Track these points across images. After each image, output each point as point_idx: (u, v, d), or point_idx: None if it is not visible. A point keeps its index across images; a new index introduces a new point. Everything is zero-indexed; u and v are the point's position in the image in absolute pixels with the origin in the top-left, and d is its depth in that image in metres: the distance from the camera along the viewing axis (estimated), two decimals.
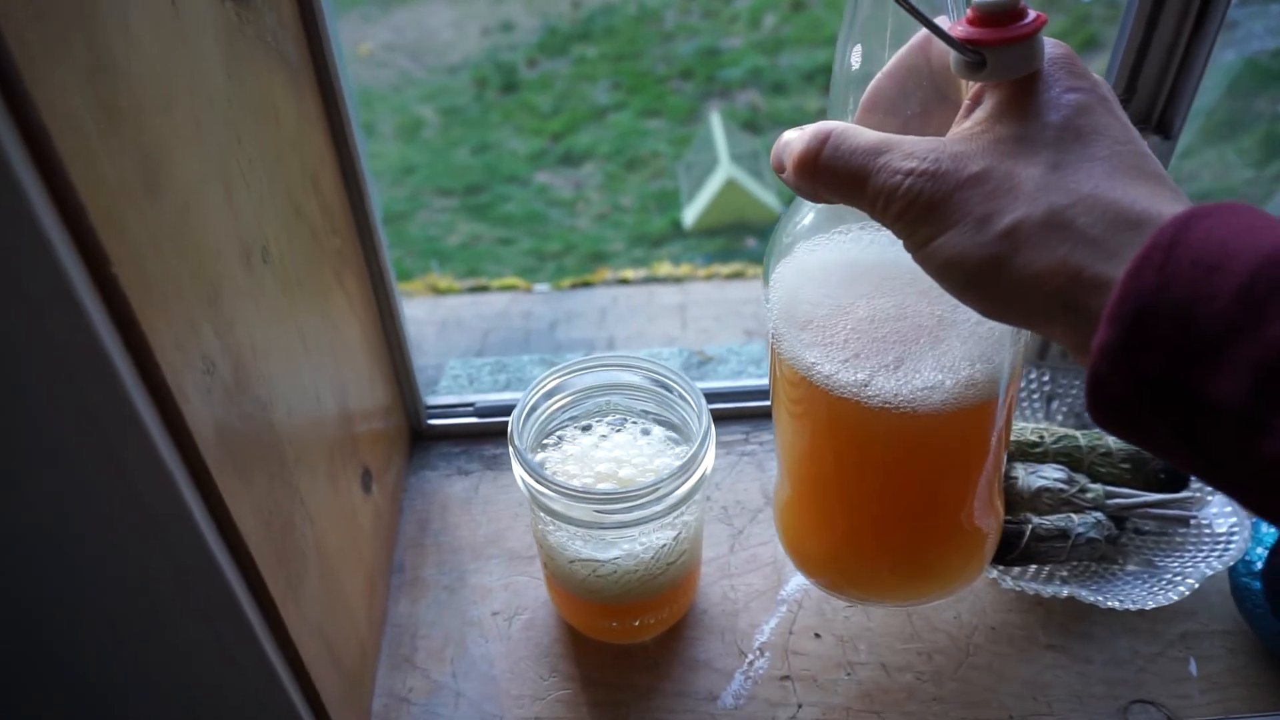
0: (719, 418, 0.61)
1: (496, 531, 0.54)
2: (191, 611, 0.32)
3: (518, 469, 0.41)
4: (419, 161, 4.47)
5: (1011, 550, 0.47)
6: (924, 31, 0.29)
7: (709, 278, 2.42)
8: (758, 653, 0.47)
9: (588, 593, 0.45)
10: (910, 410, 0.34)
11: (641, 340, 2.05)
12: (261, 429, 0.34)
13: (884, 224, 0.27)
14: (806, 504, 0.42)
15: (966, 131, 0.26)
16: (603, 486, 0.43)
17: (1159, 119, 0.48)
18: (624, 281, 2.43)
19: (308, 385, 0.40)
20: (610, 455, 0.45)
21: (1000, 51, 0.25)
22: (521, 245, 3.88)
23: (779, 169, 0.30)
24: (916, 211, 0.25)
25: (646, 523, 0.41)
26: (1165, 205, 0.23)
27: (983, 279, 0.25)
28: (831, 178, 0.27)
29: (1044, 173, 0.24)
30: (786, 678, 0.46)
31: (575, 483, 0.43)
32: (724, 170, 3.89)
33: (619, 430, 0.47)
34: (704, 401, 0.43)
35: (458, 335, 2.18)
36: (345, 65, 0.46)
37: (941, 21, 0.27)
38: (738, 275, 2.40)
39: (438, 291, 2.48)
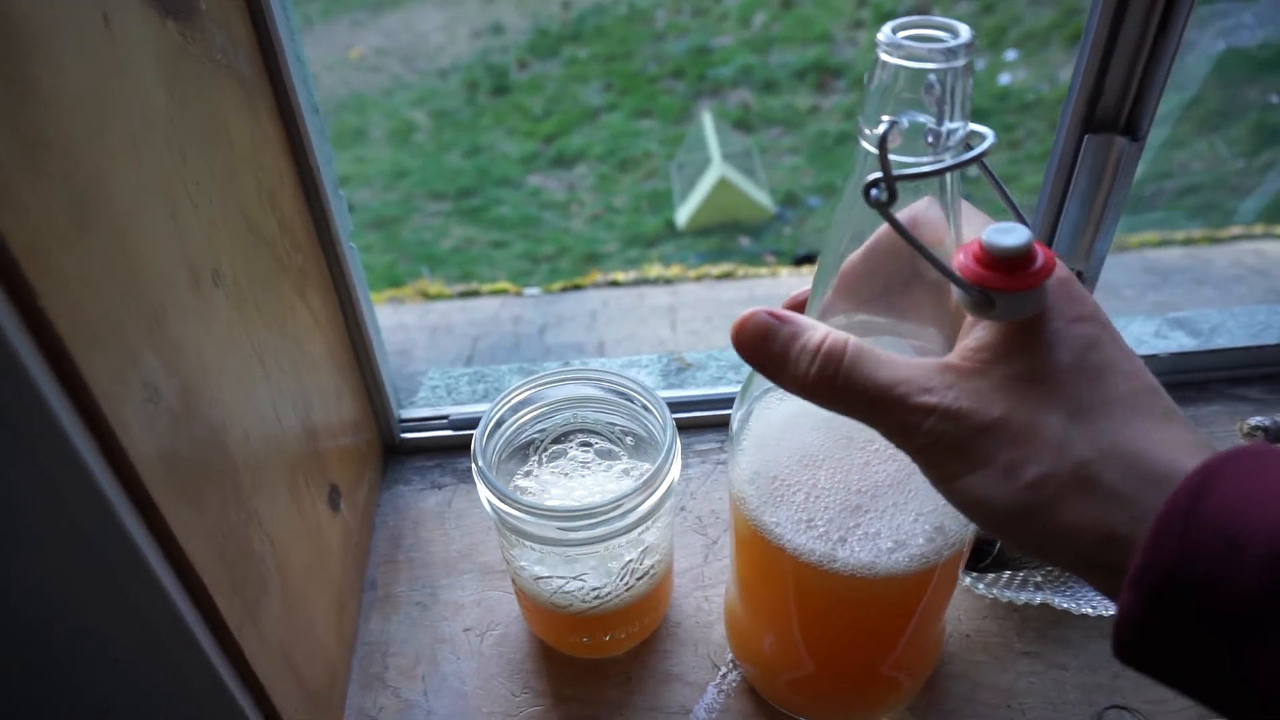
0: (695, 426, 0.61)
1: (469, 546, 0.54)
2: (143, 641, 0.31)
3: (481, 488, 0.41)
4: (411, 165, 4.47)
5: (984, 557, 0.47)
6: (904, 211, 0.29)
7: (699, 278, 2.42)
8: (730, 665, 0.47)
9: (557, 608, 0.44)
10: (869, 575, 0.34)
11: (631, 343, 2.04)
12: (213, 453, 0.34)
13: (904, 451, 0.26)
14: (747, 618, 0.44)
15: (976, 360, 0.26)
16: (566, 504, 0.43)
17: (1126, 121, 0.47)
18: (615, 284, 2.43)
19: (266, 405, 0.39)
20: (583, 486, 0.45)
21: (1011, 296, 0.25)
22: (515, 248, 3.87)
23: (761, 357, 0.28)
24: (940, 451, 0.25)
25: (612, 539, 0.41)
26: (1184, 455, 0.23)
27: (1013, 525, 0.25)
28: (847, 404, 0.27)
29: (1064, 421, 0.24)
30: (756, 690, 0.46)
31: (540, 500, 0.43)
32: (716, 169, 3.89)
33: (589, 469, 0.47)
34: (669, 414, 0.42)
35: (448, 341, 2.17)
36: (308, 80, 0.46)
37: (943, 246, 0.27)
38: (728, 276, 2.39)
39: (428, 297, 2.48)
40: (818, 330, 0.27)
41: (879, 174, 0.26)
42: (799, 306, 0.33)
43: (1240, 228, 2.70)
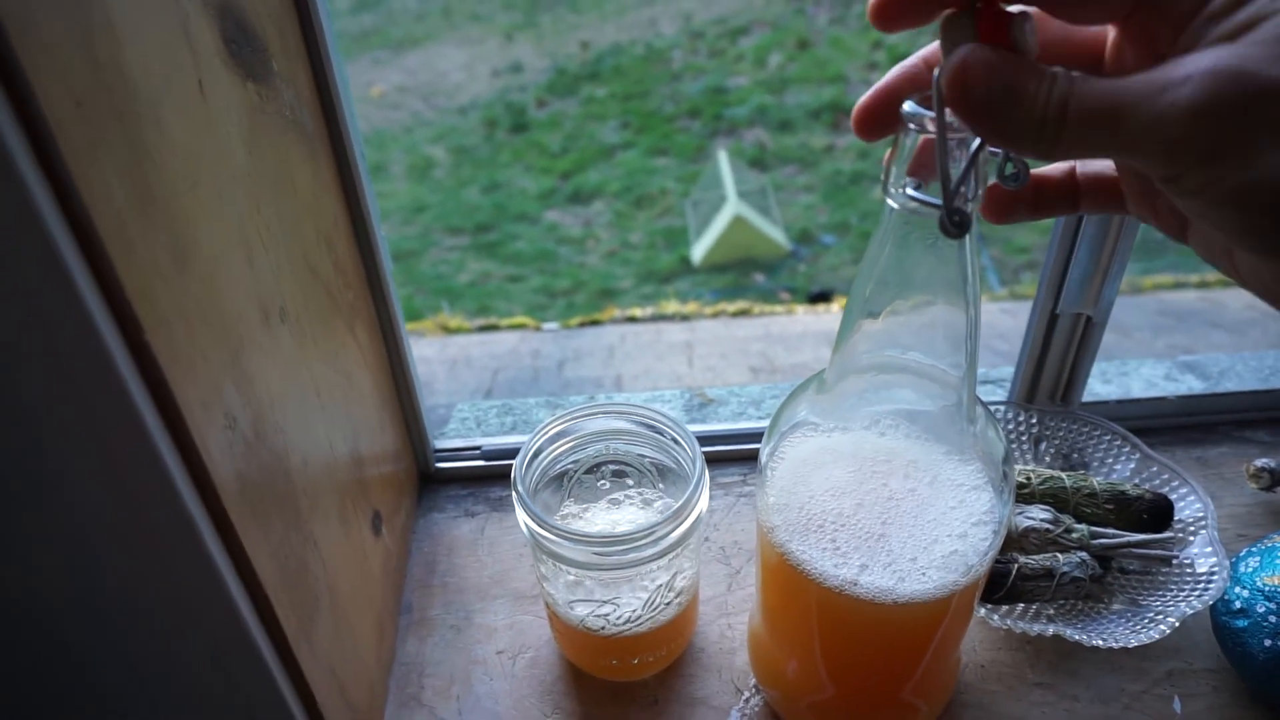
0: (718, 460, 0.63)
1: (501, 572, 0.56)
2: (210, 650, 0.33)
3: (521, 513, 0.43)
4: (430, 201, 4.54)
5: (998, 589, 0.48)
6: (920, 54, 0.29)
7: (715, 315, 2.44)
8: (753, 690, 0.49)
9: (588, 632, 0.46)
10: (889, 601, 0.36)
11: (648, 378, 2.07)
12: (278, 478, 0.36)
13: (1151, 169, 0.22)
14: (771, 642, 0.46)
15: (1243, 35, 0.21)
16: (601, 530, 0.45)
17: None
18: (632, 319, 2.46)
19: (321, 434, 0.42)
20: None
21: None
22: (531, 283, 3.93)
23: (978, 95, 0.24)
24: (1220, 131, 0.21)
25: (644, 564, 0.43)
26: None
27: None
28: (1080, 125, 0.23)
29: None
30: (777, 714, 0.48)
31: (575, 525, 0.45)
32: (731, 207, 3.94)
33: (619, 505, 0.50)
34: (698, 447, 0.45)
35: (467, 374, 2.20)
36: (357, 129, 0.49)
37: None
38: (744, 313, 2.42)
39: (448, 331, 2.52)
40: (1038, 66, 0.24)
41: (938, 204, 0.28)
42: (892, 93, 0.30)
43: None
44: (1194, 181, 0.22)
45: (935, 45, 0.28)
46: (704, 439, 0.64)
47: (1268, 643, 0.43)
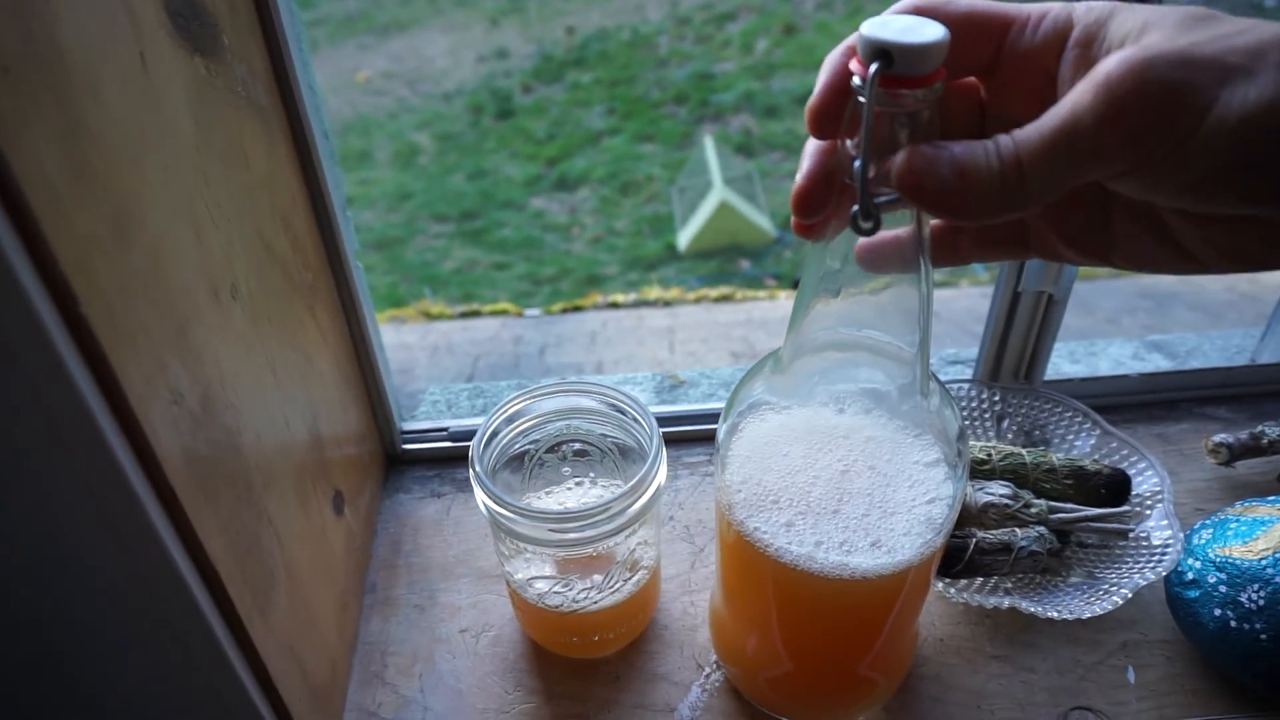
0: (685, 440, 0.64)
1: (466, 551, 0.56)
2: (160, 626, 0.33)
3: (479, 492, 0.44)
4: (415, 187, 4.51)
5: (956, 563, 0.49)
6: (843, 50, 0.30)
7: (698, 301, 2.45)
8: (714, 666, 0.49)
9: (548, 609, 0.47)
10: (846, 576, 0.36)
11: (629, 363, 2.07)
12: (228, 454, 0.36)
13: (1116, 169, 0.24)
14: (730, 620, 0.46)
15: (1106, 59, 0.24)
16: (560, 507, 0.45)
17: None
18: (614, 305, 2.46)
19: (276, 412, 0.42)
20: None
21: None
22: (517, 270, 3.91)
23: (935, 185, 0.26)
24: (1148, 107, 0.23)
25: (601, 540, 0.43)
26: None
27: None
28: (1040, 171, 0.24)
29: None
30: (738, 690, 0.48)
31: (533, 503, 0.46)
32: (717, 193, 3.93)
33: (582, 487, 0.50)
34: (656, 425, 0.45)
35: (448, 360, 2.20)
36: (320, 107, 0.49)
37: None
38: (726, 299, 2.43)
39: (430, 317, 2.51)
40: (976, 143, 0.25)
41: (859, 207, 0.28)
42: (820, 172, 0.31)
43: None
44: (1158, 159, 0.23)
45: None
46: (672, 419, 0.64)
47: (1217, 612, 0.44)
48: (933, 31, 0.27)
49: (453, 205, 4.36)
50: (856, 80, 0.28)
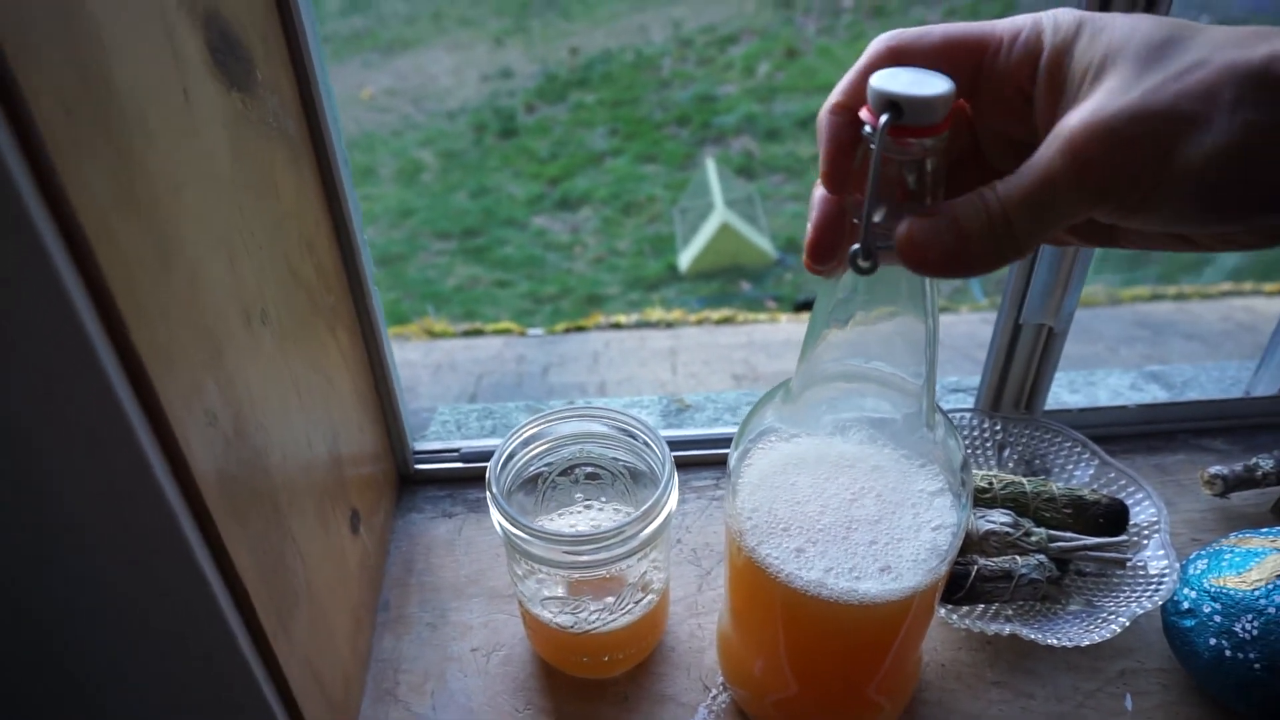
0: (692, 464, 0.65)
1: (478, 571, 0.57)
2: (189, 641, 0.34)
3: (495, 513, 0.45)
4: (418, 205, 4.54)
5: (958, 590, 0.50)
6: (830, 108, 0.31)
7: (700, 323, 2.46)
8: (720, 687, 0.50)
9: (559, 630, 0.48)
10: (852, 601, 0.38)
11: (632, 385, 2.08)
12: (257, 474, 0.37)
13: (1102, 206, 0.26)
14: (738, 642, 0.47)
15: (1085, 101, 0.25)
16: (572, 529, 0.46)
17: None
18: (617, 326, 2.47)
19: (300, 433, 0.43)
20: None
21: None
22: (518, 288, 3.93)
23: (938, 253, 0.28)
24: (1119, 160, 0.24)
25: (614, 563, 0.44)
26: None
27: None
28: (1033, 222, 0.26)
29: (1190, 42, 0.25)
30: (744, 712, 0.49)
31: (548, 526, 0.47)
32: (719, 215, 3.96)
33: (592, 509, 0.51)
34: (668, 451, 0.46)
35: (451, 379, 2.21)
36: (340, 136, 0.50)
37: None
38: (728, 320, 2.44)
39: (432, 335, 2.52)
40: (963, 202, 0.27)
41: (859, 246, 0.30)
42: (830, 219, 0.32)
43: (1230, 284, 2.76)
44: (1131, 205, 0.25)
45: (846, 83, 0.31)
46: (680, 443, 0.65)
47: (1212, 641, 0.45)
48: (939, 85, 0.29)
49: (455, 223, 4.38)
50: (867, 129, 0.30)
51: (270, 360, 0.40)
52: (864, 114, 0.30)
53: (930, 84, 0.29)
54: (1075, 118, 0.25)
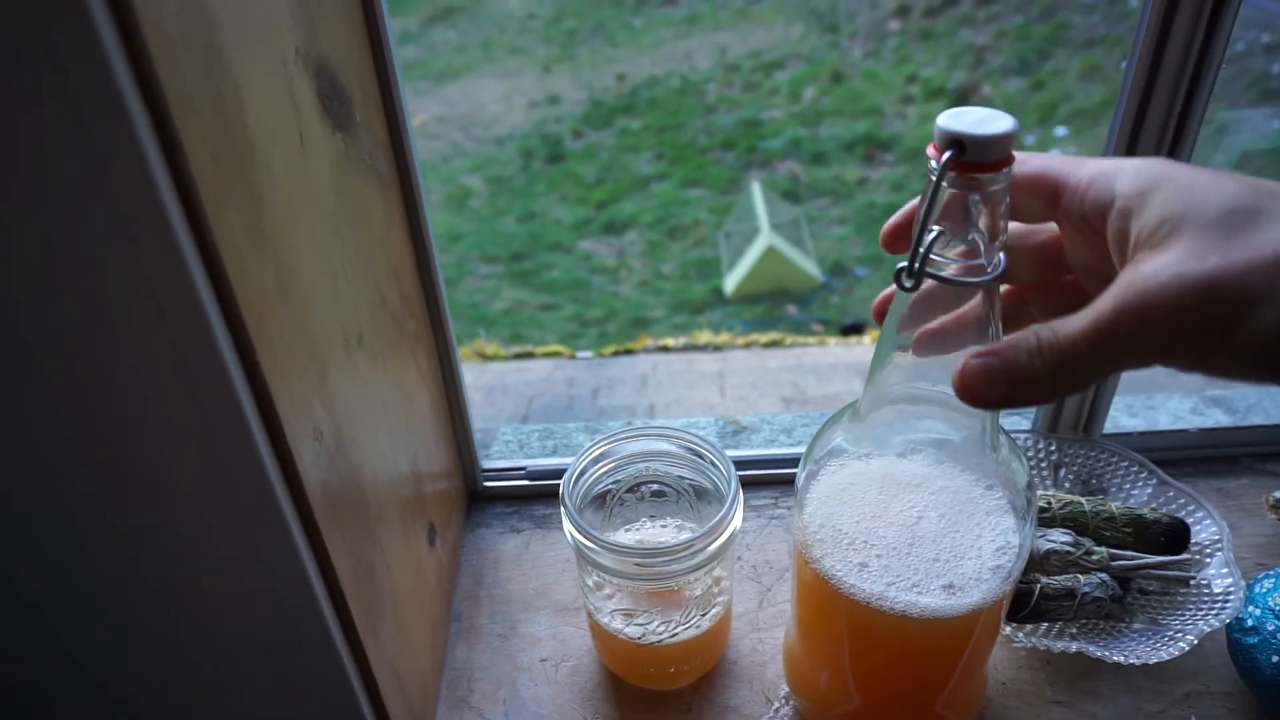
0: (751, 484, 0.66)
1: (545, 585, 0.59)
2: (290, 640, 0.37)
3: (568, 525, 0.47)
4: (466, 229, 4.62)
5: (1022, 608, 0.51)
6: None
7: (747, 346, 2.48)
8: (783, 701, 0.52)
9: (627, 641, 0.49)
10: (917, 616, 0.39)
11: (680, 407, 2.10)
12: (353, 488, 0.40)
13: (1173, 360, 0.26)
14: (804, 655, 0.48)
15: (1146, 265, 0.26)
16: (638, 542, 0.48)
17: None
18: (664, 349, 2.50)
19: (387, 450, 0.46)
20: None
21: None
22: (564, 311, 3.98)
23: (995, 396, 0.29)
24: (1191, 324, 0.25)
25: (682, 575, 0.46)
26: None
27: None
28: (1090, 364, 0.27)
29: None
30: None
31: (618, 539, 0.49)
32: (764, 238, 3.97)
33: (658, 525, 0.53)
34: (733, 468, 0.48)
35: (504, 401, 2.25)
36: (420, 171, 0.53)
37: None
38: (775, 344, 2.45)
39: (484, 358, 2.57)
40: (1021, 338, 0.28)
41: (905, 264, 0.32)
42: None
43: None
44: (1192, 361, 0.26)
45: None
46: (738, 463, 0.67)
47: (1275, 659, 0.45)
48: (1001, 124, 0.31)
49: (503, 247, 4.46)
50: (932, 163, 0.32)
51: (364, 381, 0.42)
52: (930, 150, 0.32)
53: (993, 124, 0.31)
54: (1145, 273, 0.26)
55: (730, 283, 3.96)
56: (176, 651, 0.37)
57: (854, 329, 3.41)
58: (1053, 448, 0.61)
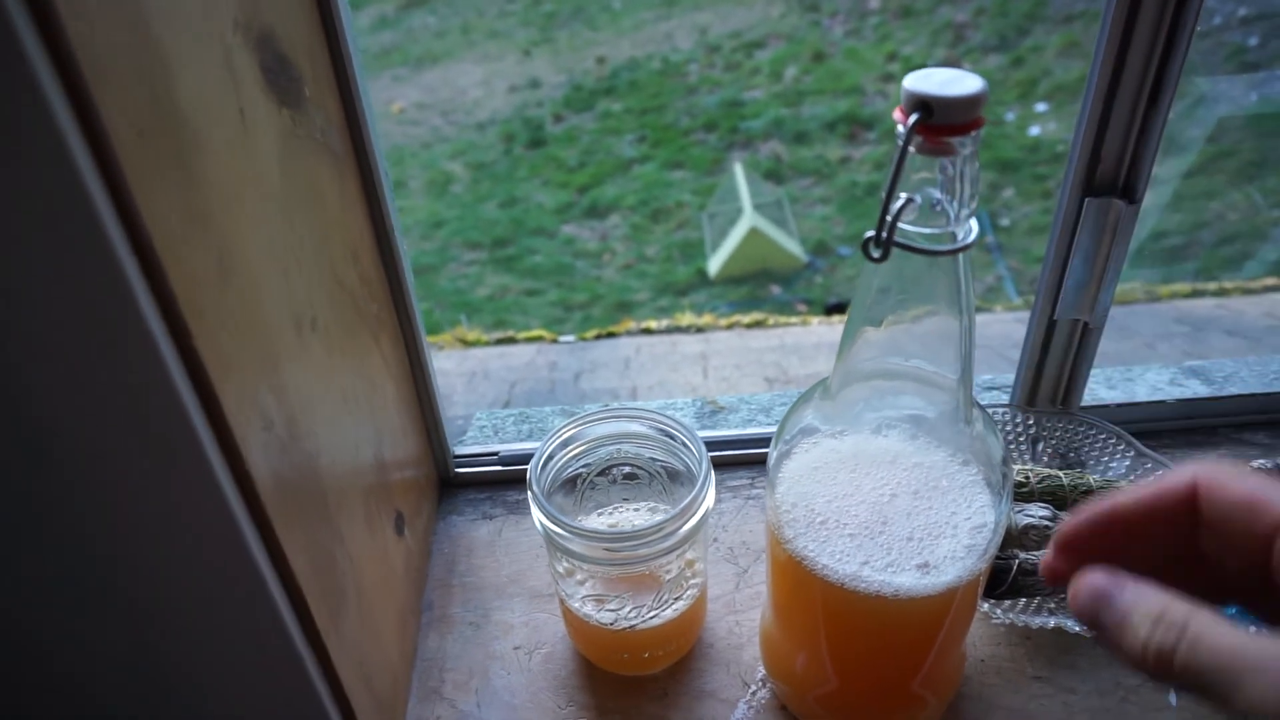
0: (728, 464, 0.66)
1: (518, 572, 0.58)
2: (246, 639, 0.36)
3: (536, 512, 0.46)
4: (448, 216, 4.59)
5: (1000, 585, 0.50)
6: (1191, 474, 0.28)
7: (730, 327, 2.47)
8: (760, 684, 0.51)
9: (600, 627, 0.49)
10: (892, 595, 0.38)
11: (663, 389, 2.09)
12: (309, 478, 0.39)
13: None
14: (780, 637, 0.48)
15: None
16: (610, 526, 0.47)
17: (1123, 185, 0.52)
18: (647, 331, 2.49)
19: (348, 438, 0.45)
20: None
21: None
22: (548, 296, 3.96)
23: (1096, 622, 0.26)
24: None
25: (654, 559, 0.45)
26: None
27: None
28: (1190, 678, 0.24)
29: None
30: (785, 707, 0.50)
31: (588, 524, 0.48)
32: (747, 219, 3.96)
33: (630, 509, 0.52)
34: (704, 448, 0.47)
35: (485, 387, 2.24)
36: (380, 150, 0.52)
37: None
38: (758, 324, 2.44)
39: (466, 344, 2.55)
40: (1154, 600, 0.25)
41: (873, 234, 0.31)
42: (1091, 535, 0.30)
43: (1274, 279, 2.71)
44: None
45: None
46: (714, 444, 0.66)
47: (1254, 630, 0.45)
48: (969, 85, 0.30)
49: (485, 233, 4.43)
50: (899, 128, 0.31)
51: (320, 367, 0.41)
52: (896, 114, 0.31)
53: (961, 84, 0.30)
54: None
55: (714, 264, 3.95)
56: (127, 650, 0.36)
57: (838, 308, 3.41)
58: (1030, 421, 0.61)
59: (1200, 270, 2.91)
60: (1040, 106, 4.32)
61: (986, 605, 0.51)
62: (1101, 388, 0.73)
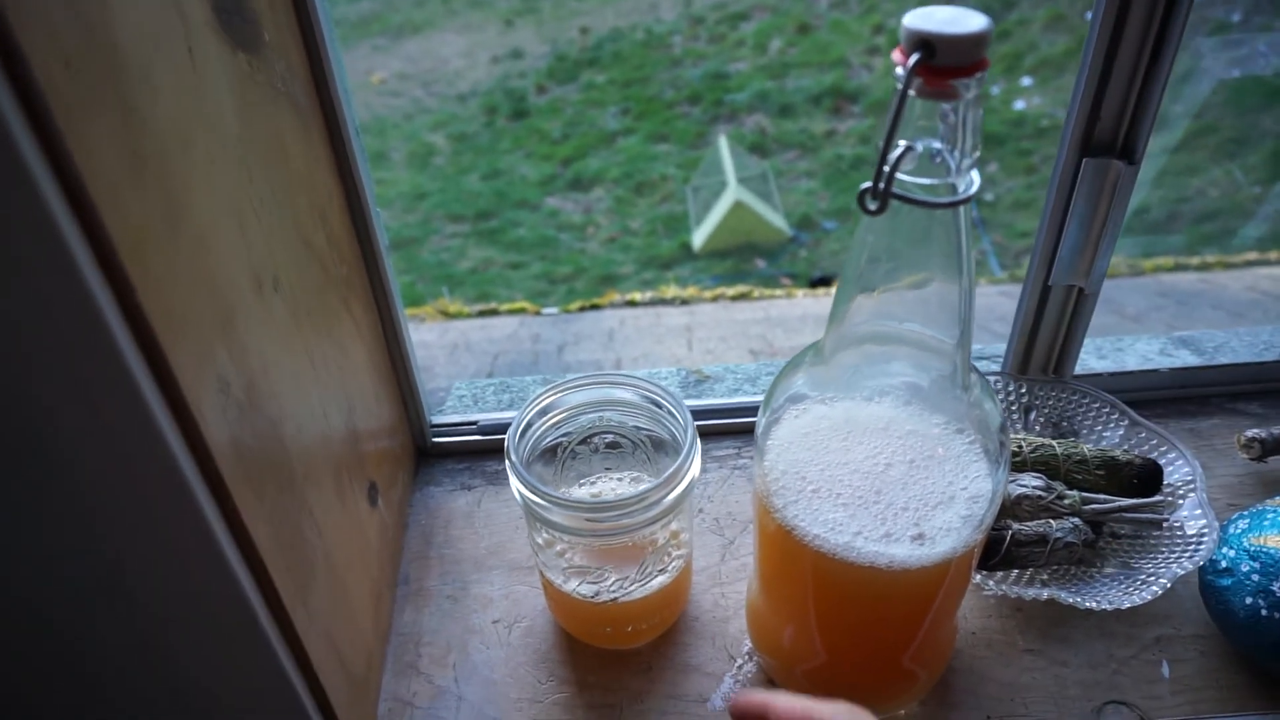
0: (714, 433, 0.64)
1: (497, 544, 0.57)
2: (207, 615, 0.34)
3: (514, 481, 0.44)
4: (431, 188, 4.53)
5: (993, 555, 0.49)
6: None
7: (715, 299, 2.45)
8: (746, 657, 0.49)
9: (581, 600, 0.47)
10: (884, 566, 0.36)
11: (648, 361, 2.07)
12: (272, 445, 0.37)
13: None
14: (768, 610, 0.46)
15: None
16: (593, 496, 0.46)
17: (1122, 145, 0.50)
18: (632, 304, 2.46)
19: (316, 405, 0.43)
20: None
21: None
22: (532, 269, 3.92)
23: None
24: None
25: (637, 530, 0.43)
26: None
27: None
28: None
29: None
30: (773, 681, 0.48)
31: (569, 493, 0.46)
32: (732, 193, 3.93)
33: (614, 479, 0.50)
34: (690, 416, 0.45)
35: (467, 358, 2.21)
36: (352, 106, 0.49)
37: None
38: (743, 296, 2.43)
39: (448, 316, 2.52)
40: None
41: (870, 184, 0.29)
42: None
43: (1255, 253, 2.71)
44: None
45: None
46: (700, 413, 0.64)
47: (1249, 600, 0.44)
48: (974, 23, 0.28)
49: (468, 205, 4.37)
50: (898, 69, 0.29)
51: (283, 329, 0.39)
52: (895, 55, 0.29)
53: (965, 22, 0.28)
54: None
55: (698, 238, 3.93)
56: (81, 626, 0.34)
57: (823, 282, 3.40)
58: (1023, 390, 0.59)
59: (1184, 245, 2.91)
60: (1025, 80, 4.29)
61: (979, 576, 0.50)
62: (1092, 358, 0.72)
